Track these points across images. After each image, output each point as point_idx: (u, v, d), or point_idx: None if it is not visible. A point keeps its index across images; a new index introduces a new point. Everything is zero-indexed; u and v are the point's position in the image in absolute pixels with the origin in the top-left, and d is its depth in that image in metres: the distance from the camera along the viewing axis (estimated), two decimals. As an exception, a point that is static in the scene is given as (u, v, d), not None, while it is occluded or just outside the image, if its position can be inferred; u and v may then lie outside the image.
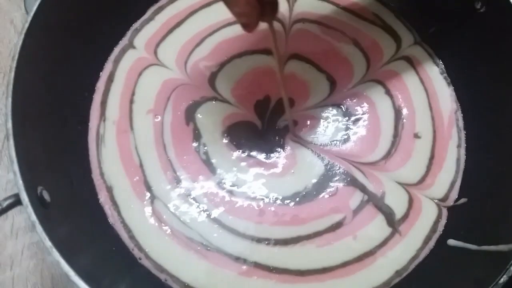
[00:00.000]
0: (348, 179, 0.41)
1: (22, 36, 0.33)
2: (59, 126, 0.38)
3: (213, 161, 0.41)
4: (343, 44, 0.46)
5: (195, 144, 0.42)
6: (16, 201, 0.30)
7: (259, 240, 0.38)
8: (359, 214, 0.40)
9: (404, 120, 0.44)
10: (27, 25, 0.34)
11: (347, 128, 0.43)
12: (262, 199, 0.40)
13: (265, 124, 0.43)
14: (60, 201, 0.33)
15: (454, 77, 0.46)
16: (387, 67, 0.46)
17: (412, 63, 0.46)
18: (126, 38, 0.46)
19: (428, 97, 0.45)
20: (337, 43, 0.46)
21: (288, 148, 0.42)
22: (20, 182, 0.29)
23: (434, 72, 0.46)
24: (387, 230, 0.39)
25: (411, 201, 0.41)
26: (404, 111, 0.44)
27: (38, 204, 0.31)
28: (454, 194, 0.42)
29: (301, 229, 0.39)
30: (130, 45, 0.45)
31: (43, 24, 0.35)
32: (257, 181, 0.41)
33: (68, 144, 0.39)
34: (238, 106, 0.43)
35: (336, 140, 0.43)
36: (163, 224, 0.39)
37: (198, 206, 0.39)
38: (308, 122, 0.43)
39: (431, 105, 0.45)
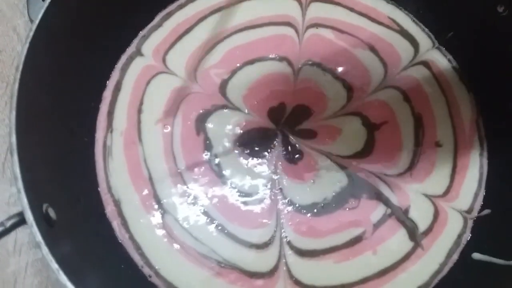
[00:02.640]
0: (372, 191, 0.39)
1: (27, 45, 0.32)
2: (64, 138, 0.37)
3: (225, 172, 0.40)
4: (358, 50, 0.45)
5: (206, 155, 0.40)
6: (21, 221, 0.28)
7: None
8: (380, 228, 0.38)
9: (425, 128, 0.42)
10: (31, 33, 0.32)
11: (368, 137, 0.41)
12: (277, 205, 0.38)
13: (280, 132, 0.41)
14: (66, 219, 0.32)
15: (474, 83, 0.45)
16: (405, 73, 0.44)
17: (430, 68, 0.45)
18: (134, 45, 0.44)
19: (447, 103, 0.44)
20: (353, 49, 0.45)
21: (307, 157, 0.40)
22: (25, 200, 0.28)
23: (453, 78, 0.45)
24: (409, 245, 0.38)
25: (436, 214, 0.39)
26: (424, 118, 0.43)
27: (44, 222, 0.29)
28: (478, 205, 0.40)
29: (317, 242, 0.38)
30: (138, 53, 0.44)
31: (48, 33, 0.34)
32: (272, 189, 0.39)
33: (74, 157, 0.38)
34: (251, 114, 0.42)
35: (358, 150, 0.41)
36: (173, 240, 0.37)
37: (210, 220, 0.38)
38: (328, 132, 0.41)
39: (451, 111, 0.43)
